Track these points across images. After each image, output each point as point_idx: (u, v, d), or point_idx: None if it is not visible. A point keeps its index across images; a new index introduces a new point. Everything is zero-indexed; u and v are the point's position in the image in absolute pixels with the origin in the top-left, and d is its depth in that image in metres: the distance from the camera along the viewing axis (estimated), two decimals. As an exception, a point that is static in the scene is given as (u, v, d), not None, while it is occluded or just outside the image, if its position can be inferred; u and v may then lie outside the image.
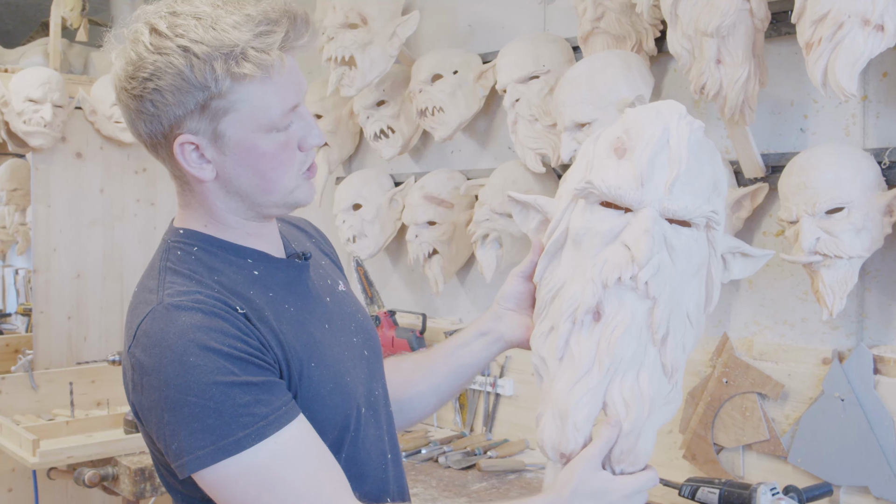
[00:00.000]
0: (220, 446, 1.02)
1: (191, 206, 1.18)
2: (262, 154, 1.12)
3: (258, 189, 1.14)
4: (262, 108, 1.09)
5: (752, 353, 2.00)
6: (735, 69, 1.76)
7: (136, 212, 3.63)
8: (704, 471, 2.02)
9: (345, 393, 1.18)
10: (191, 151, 1.10)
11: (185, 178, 1.15)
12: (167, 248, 1.18)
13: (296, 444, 1.06)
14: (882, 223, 1.73)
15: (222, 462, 1.02)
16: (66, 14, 3.56)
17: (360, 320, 1.31)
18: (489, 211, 2.34)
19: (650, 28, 2.08)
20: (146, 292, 1.12)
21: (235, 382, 1.03)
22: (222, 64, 1.05)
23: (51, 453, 2.51)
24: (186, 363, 1.03)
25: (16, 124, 3.25)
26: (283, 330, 1.13)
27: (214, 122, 1.09)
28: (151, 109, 1.08)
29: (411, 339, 2.61)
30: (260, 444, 1.03)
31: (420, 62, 2.56)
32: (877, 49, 1.55)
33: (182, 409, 1.02)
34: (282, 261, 1.22)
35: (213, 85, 1.06)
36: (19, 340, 3.89)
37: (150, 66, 1.06)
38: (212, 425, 1.02)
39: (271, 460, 1.03)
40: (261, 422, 1.03)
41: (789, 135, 1.97)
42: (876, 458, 1.77)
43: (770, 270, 2.01)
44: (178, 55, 1.05)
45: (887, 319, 1.84)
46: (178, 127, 1.09)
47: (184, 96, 1.06)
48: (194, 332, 1.04)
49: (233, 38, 1.05)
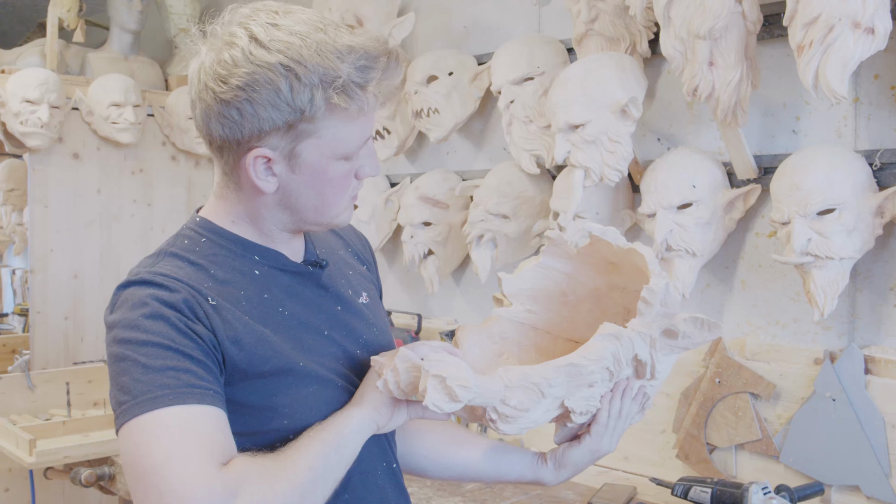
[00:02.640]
0: (139, 401, 1.01)
1: (228, 200, 1.19)
2: (329, 179, 1.13)
3: (313, 209, 1.16)
4: (343, 140, 1.11)
5: (744, 354, 2.01)
6: (727, 71, 1.77)
7: (132, 212, 3.63)
8: (697, 470, 2.03)
9: (330, 398, 1.18)
10: (262, 164, 1.11)
11: (240, 182, 1.15)
12: (180, 232, 1.20)
13: (207, 424, 1.03)
14: (873, 224, 1.75)
15: (137, 417, 1.01)
16: (63, 15, 3.56)
17: (375, 335, 1.30)
18: (484, 212, 2.35)
19: (644, 30, 2.09)
20: (139, 266, 1.15)
21: (172, 347, 1.04)
22: (322, 92, 1.05)
23: (47, 453, 2.51)
24: (136, 322, 1.05)
25: (13, 125, 3.25)
26: (266, 331, 1.13)
27: (295, 143, 1.09)
28: (236, 117, 1.07)
29: (407, 340, 2.62)
30: (174, 408, 1.01)
31: (415, 63, 2.57)
32: (867, 52, 1.57)
33: (119, 362, 1.05)
34: (292, 264, 1.22)
35: (308, 109, 1.06)
36: (16, 340, 3.89)
37: (245, 75, 1.05)
38: (137, 379, 1.02)
39: (177, 427, 1.00)
40: (183, 388, 1.02)
41: (781, 136, 1.98)
42: (867, 458, 1.78)
43: (762, 271, 2.02)
44: (279, 73, 1.04)
45: (878, 320, 1.85)
46: (257, 140, 1.09)
47: (275, 113, 1.06)
48: (155, 302, 1.06)
49: (335, 68, 1.05)
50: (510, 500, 1.97)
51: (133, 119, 3.45)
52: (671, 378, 2.11)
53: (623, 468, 2.20)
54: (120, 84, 3.45)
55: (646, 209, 1.99)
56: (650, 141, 2.22)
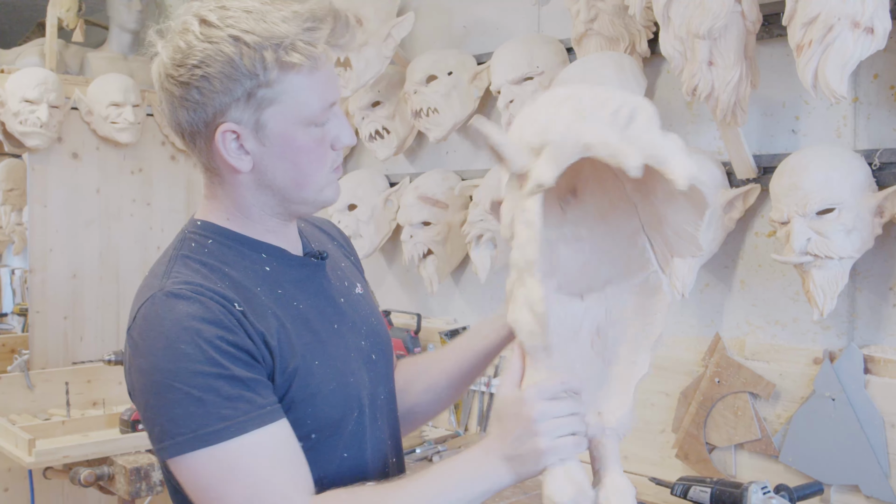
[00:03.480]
0: (199, 435, 1.03)
1: (217, 197, 1.20)
2: (299, 147, 1.14)
3: (292, 183, 1.16)
4: (304, 102, 1.12)
5: (743, 353, 2.01)
6: (727, 71, 1.77)
7: (132, 212, 3.63)
8: (696, 470, 2.03)
9: (347, 393, 1.19)
10: (231, 141, 1.12)
11: (219, 169, 1.16)
12: (183, 237, 1.20)
13: (270, 445, 1.06)
14: (872, 224, 1.74)
15: (198, 451, 1.03)
16: (62, 15, 3.56)
17: (374, 324, 1.32)
18: (484, 211, 2.35)
19: (643, 30, 2.09)
20: (153, 278, 1.14)
21: (222, 374, 1.04)
22: (272, 53, 1.08)
23: (47, 453, 2.51)
24: (177, 350, 1.04)
25: (12, 125, 3.25)
26: (286, 327, 1.14)
27: (258, 113, 1.11)
28: (197, 97, 1.10)
29: (406, 340, 2.62)
30: (237, 439, 1.03)
31: (415, 63, 2.57)
32: (867, 51, 1.56)
33: (167, 394, 1.04)
34: (297, 258, 1.23)
35: (262, 73, 1.08)
36: (15, 340, 3.88)
37: (199, 53, 1.08)
38: (193, 413, 1.03)
39: (243, 456, 1.04)
40: (242, 416, 1.04)
41: (781, 136, 1.98)
42: (866, 457, 1.78)
43: (762, 271, 2.02)
44: (229, 43, 1.08)
45: (878, 320, 1.85)
46: (221, 115, 1.11)
47: (232, 84, 1.08)
48: (189, 320, 1.05)
49: (282, 30, 1.08)
50: (509, 499, 1.97)
51: (132, 119, 3.45)
52: (670, 377, 2.11)
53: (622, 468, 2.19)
54: (119, 84, 3.45)
55: (645, 209, 1.99)
56: (649, 140, 2.21)
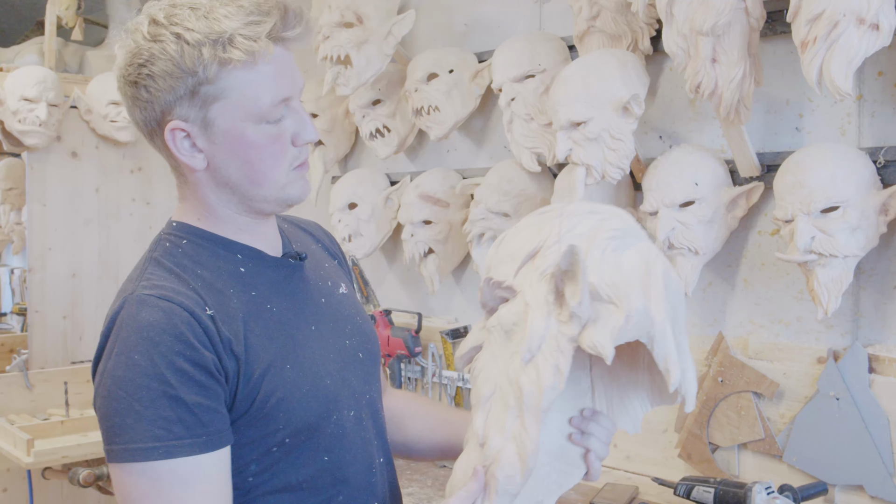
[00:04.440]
0: (130, 449, 1.02)
1: (186, 198, 1.20)
2: (250, 144, 1.12)
3: (247, 180, 1.14)
4: (250, 97, 1.10)
5: (747, 352, 2.00)
6: (730, 68, 1.76)
7: (131, 211, 3.62)
8: (700, 470, 2.02)
9: (323, 396, 1.17)
10: (182, 139, 1.12)
11: (180, 168, 1.16)
12: (158, 239, 1.19)
13: (198, 476, 1.04)
14: (877, 222, 1.73)
15: (128, 464, 1.02)
16: (61, 13, 3.55)
17: (359, 323, 1.30)
18: (485, 210, 2.34)
19: (646, 27, 2.08)
20: (128, 281, 1.14)
21: (167, 393, 1.02)
22: (210, 50, 1.07)
23: (45, 453, 2.50)
24: (130, 359, 1.03)
25: (11, 123, 3.24)
26: (255, 332, 1.12)
27: (204, 110, 1.10)
28: (145, 95, 1.10)
29: (407, 339, 2.61)
30: (163, 462, 1.02)
31: (416, 61, 2.55)
32: (872, 48, 1.55)
33: (111, 401, 1.04)
34: (274, 259, 1.21)
35: (202, 70, 1.08)
36: (14, 340, 3.87)
37: (145, 52, 1.09)
38: (130, 426, 1.02)
39: (167, 481, 1.02)
40: (173, 441, 1.02)
41: (785, 134, 1.97)
42: (871, 457, 1.77)
43: (765, 269, 2.01)
44: (171, 42, 1.08)
45: (882, 318, 1.84)
46: (169, 113, 1.11)
47: (175, 81, 1.08)
48: (149, 330, 1.04)
49: (223, 26, 1.08)
50: (511, 499, 1.96)
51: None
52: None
53: (625, 468, 2.19)
54: (118, 82, 3.44)
55: (648, 207, 1.98)
56: (652, 138, 2.21)
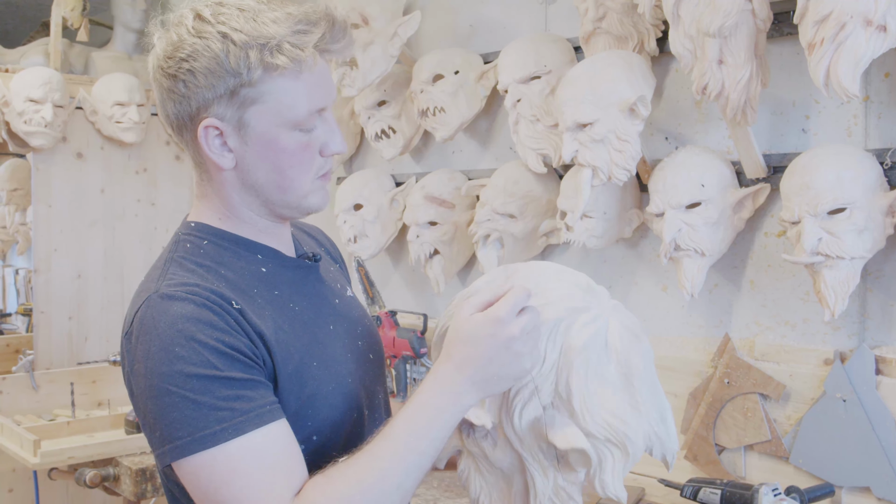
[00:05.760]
0: (197, 438, 1.02)
1: (207, 196, 1.20)
2: (282, 150, 1.13)
3: (274, 185, 1.15)
4: (288, 105, 1.11)
5: (753, 354, 2.00)
6: (737, 69, 1.76)
7: (136, 212, 3.63)
8: (706, 471, 2.02)
9: (346, 394, 1.19)
10: (214, 137, 1.12)
11: (206, 165, 1.16)
12: (177, 240, 1.19)
13: (270, 446, 1.05)
14: (884, 224, 1.73)
15: (197, 454, 1.02)
16: (66, 14, 3.56)
17: (367, 324, 1.32)
18: (490, 211, 2.34)
19: (652, 28, 2.07)
20: (148, 282, 1.14)
21: (217, 377, 1.03)
22: (257, 53, 1.08)
23: (52, 454, 2.51)
24: (172, 353, 1.03)
25: (16, 124, 3.25)
26: (284, 328, 1.13)
27: (241, 111, 1.11)
28: (182, 90, 1.11)
29: (412, 340, 2.61)
30: (234, 441, 1.02)
31: (421, 62, 2.55)
32: (879, 50, 1.55)
33: (163, 398, 1.03)
34: (292, 260, 1.23)
35: (246, 72, 1.08)
36: (20, 341, 3.89)
37: (188, 47, 1.09)
38: (190, 417, 1.02)
39: (242, 459, 1.03)
40: (239, 417, 1.03)
41: (791, 135, 1.97)
42: (878, 459, 1.76)
43: (772, 271, 2.01)
44: (217, 40, 1.08)
45: (889, 320, 1.84)
46: (205, 110, 1.11)
47: (216, 80, 1.09)
48: (184, 322, 1.04)
49: (271, 31, 1.09)
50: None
51: (137, 118, 3.45)
52: (679, 378, 2.10)
53: (631, 469, 2.18)
54: (124, 83, 3.45)
55: (654, 209, 1.98)
56: (658, 140, 2.20)
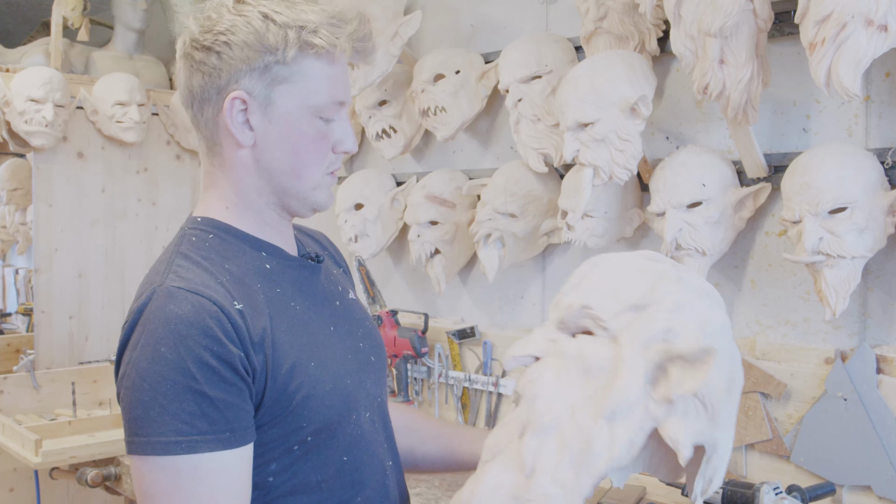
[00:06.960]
0: (152, 442, 1.02)
1: (216, 184, 1.20)
2: (302, 134, 1.15)
3: (288, 169, 1.17)
4: (315, 89, 1.15)
5: (754, 353, 2.00)
6: (738, 69, 1.76)
7: (137, 211, 3.63)
8: (707, 470, 2.02)
9: (344, 395, 1.18)
10: (238, 111, 1.14)
11: (221, 146, 1.17)
12: (183, 234, 1.19)
13: (219, 473, 1.04)
14: (885, 223, 1.73)
15: (149, 457, 1.03)
16: (67, 14, 3.55)
17: (369, 327, 1.33)
18: (491, 211, 2.34)
19: (653, 28, 2.08)
20: (154, 274, 1.14)
21: (190, 388, 1.03)
22: (295, 34, 1.12)
23: (53, 453, 2.51)
24: (157, 351, 1.04)
25: (17, 124, 3.24)
26: (282, 327, 1.13)
27: (270, 88, 1.13)
28: (215, 62, 1.13)
29: (413, 339, 2.61)
30: (185, 457, 1.02)
31: (422, 62, 2.56)
32: (880, 49, 1.55)
33: (135, 392, 1.04)
34: (295, 259, 1.23)
35: (282, 49, 1.12)
36: (20, 340, 3.89)
37: (227, 22, 1.13)
38: (153, 419, 1.02)
39: (188, 477, 1.02)
40: (196, 436, 1.02)
41: (792, 135, 1.97)
42: (879, 458, 1.77)
43: (772, 270, 2.01)
44: (258, 18, 1.12)
45: (890, 319, 1.84)
46: (235, 82, 1.13)
47: (252, 53, 1.12)
48: (177, 323, 1.04)
49: (309, 17, 1.13)
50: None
51: (138, 118, 3.45)
52: (680, 378, 2.10)
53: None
54: (124, 83, 3.45)
55: (655, 208, 1.98)
56: (659, 139, 2.21)
